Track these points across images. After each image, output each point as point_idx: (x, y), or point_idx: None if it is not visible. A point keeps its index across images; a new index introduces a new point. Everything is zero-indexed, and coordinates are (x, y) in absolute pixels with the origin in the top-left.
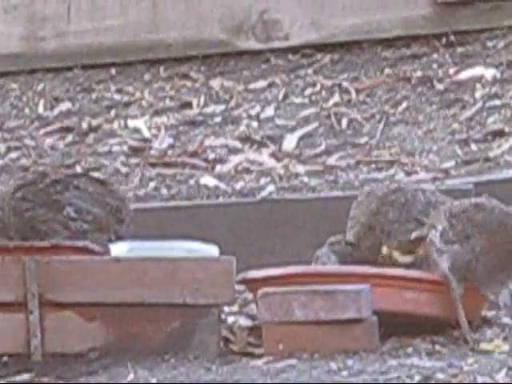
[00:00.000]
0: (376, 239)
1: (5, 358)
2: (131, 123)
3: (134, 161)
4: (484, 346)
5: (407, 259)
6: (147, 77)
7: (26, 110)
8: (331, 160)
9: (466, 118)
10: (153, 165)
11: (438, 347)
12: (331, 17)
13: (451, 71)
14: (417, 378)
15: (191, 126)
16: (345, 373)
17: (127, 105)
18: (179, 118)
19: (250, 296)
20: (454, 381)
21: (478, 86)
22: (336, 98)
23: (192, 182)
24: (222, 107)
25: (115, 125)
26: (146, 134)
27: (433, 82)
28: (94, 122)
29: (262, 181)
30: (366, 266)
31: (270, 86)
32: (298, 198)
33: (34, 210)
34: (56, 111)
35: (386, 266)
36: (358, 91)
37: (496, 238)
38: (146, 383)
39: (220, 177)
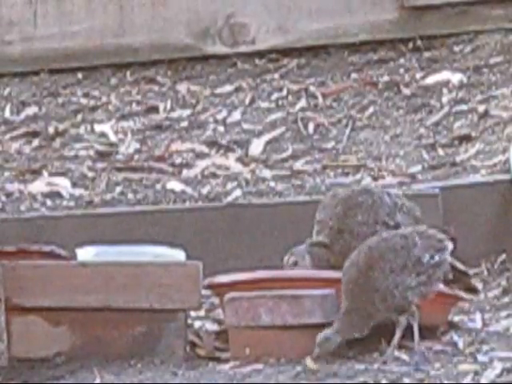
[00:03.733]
0: (345, 242)
1: None
2: (98, 128)
3: (100, 165)
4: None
5: None
6: (114, 81)
7: None
8: (298, 165)
9: (432, 123)
10: (119, 169)
11: (404, 352)
12: (298, 21)
13: (418, 76)
14: (383, 383)
15: (158, 131)
16: (311, 377)
17: (94, 109)
18: (146, 123)
19: (216, 301)
20: None
21: (445, 90)
22: (303, 103)
23: (158, 186)
24: (188, 112)
25: (82, 129)
26: (113, 138)
27: (399, 86)
28: (61, 127)
29: (229, 185)
30: (332, 271)
31: (237, 90)
32: (264, 203)
33: None
34: (22, 115)
35: None
36: (324, 96)
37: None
38: None
39: (186, 181)
